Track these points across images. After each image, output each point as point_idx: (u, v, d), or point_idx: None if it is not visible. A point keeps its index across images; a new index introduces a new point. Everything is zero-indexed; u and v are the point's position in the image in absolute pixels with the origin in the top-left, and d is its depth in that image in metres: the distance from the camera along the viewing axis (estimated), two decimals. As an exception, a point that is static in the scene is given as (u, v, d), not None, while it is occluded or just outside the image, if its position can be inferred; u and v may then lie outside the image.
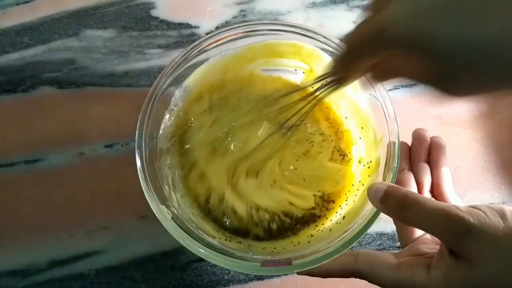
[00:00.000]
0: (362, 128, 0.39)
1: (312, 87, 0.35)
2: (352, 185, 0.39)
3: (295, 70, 0.41)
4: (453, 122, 0.47)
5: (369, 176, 0.37)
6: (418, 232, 0.35)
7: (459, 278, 0.26)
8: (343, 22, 0.50)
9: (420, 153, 0.38)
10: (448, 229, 0.26)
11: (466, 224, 0.25)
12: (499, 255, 0.25)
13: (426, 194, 0.37)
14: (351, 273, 0.31)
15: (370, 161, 0.38)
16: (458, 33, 0.20)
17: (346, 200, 0.39)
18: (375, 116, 0.37)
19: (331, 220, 0.38)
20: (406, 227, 0.35)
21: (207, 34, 0.43)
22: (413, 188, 0.37)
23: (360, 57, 0.26)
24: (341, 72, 0.30)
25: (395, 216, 0.29)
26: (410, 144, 0.39)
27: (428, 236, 0.34)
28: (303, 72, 0.41)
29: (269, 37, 0.38)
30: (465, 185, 0.45)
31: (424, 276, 0.28)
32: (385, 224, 0.44)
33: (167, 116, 0.39)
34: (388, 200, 0.29)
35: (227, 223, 0.38)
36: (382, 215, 0.30)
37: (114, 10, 0.49)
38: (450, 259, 0.27)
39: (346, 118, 0.41)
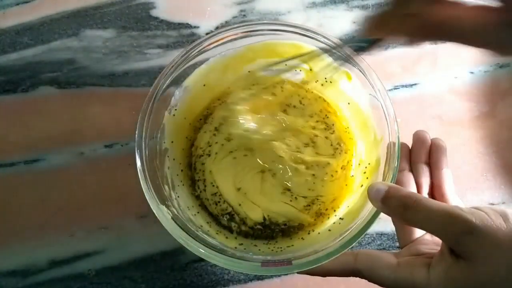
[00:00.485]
0: (362, 128, 0.39)
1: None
2: (351, 189, 0.39)
3: (295, 70, 0.41)
4: (453, 122, 0.47)
5: (367, 178, 0.37)
6: (418, 233, 0.35)
7: (459, 278, 0.26)
8: (343, 22, 0.49)
9: (420, 154, 0.38)
10: (450, 229, 0.26)
11: (469, 225, 0.25)
12: (500, 256, 0.25)
13: (425, 195, 0.37)
14: (350, 272, 0.31)
15: (369, 164, 0.38)
16: None
17: (346, 201, 0.39)
18: (375, 116, 0.37)
19: (329, 219, 0.38)
20: (406, 228, 0.35)
21: (207, 34, 0.43)
22: (412, 189, 0.37)
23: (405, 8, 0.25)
24: (376, 33, 0.28)
25: (396, 216, 0.29)
26: (410, 146, 0.39)
27: (427, 236, 0.34)
28: (301, 71, 0.41)
29: (269, 37, 0.38)
30: (465, 185, 0.45)
31: (424, 276, 0.28)
32: (385, 224, 0.44)
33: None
34: (390, 200, 0.28)
35: (227, 221, 0.38)
36: (382, 215, 0.30)
37: (114, 10, 0.49)
38: (450, 259, 0.27)
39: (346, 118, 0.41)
